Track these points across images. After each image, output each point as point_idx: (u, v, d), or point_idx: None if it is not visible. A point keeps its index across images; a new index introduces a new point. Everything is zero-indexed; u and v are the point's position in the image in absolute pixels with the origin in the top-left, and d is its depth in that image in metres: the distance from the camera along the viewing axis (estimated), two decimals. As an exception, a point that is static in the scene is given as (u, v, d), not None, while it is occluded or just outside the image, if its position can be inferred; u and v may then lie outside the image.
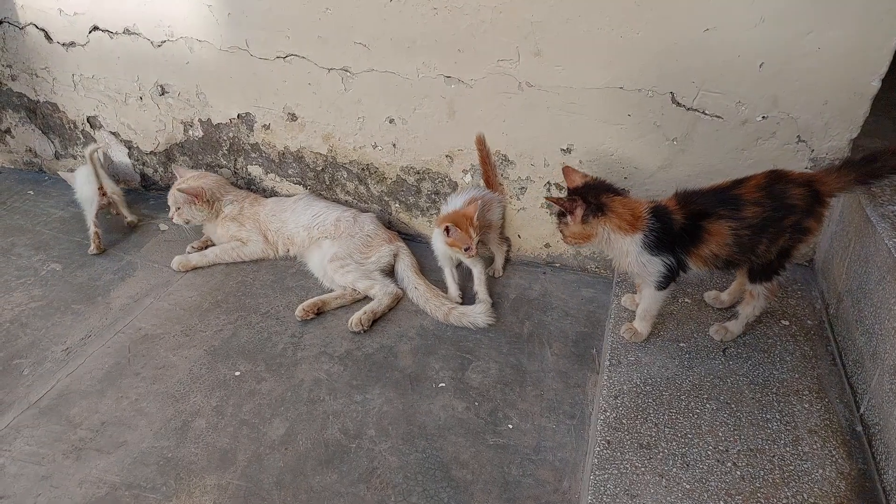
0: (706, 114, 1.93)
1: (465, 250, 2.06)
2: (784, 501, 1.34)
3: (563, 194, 2.24)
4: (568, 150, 2.15)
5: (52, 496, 1.59)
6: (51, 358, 2.02)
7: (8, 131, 3.09)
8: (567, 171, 1.69)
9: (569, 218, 1.58)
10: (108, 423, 1.79)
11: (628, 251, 1.58)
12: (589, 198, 1.57)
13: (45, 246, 2.59)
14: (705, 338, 1.79)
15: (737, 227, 1.52)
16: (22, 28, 2.72)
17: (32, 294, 2.31)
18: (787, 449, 1.46)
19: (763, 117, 1.88)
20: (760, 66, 1.79)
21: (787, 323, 1.85)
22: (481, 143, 2.23)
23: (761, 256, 1.59)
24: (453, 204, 2.17)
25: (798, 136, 1.88)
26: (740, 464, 1.43)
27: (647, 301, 1.71)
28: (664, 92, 1.93)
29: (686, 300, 1.94)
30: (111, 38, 2.57)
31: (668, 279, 1.61)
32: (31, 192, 3.01)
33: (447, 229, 2.04)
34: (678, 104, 1.94)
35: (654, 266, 1.59)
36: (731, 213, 1.52)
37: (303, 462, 1.67)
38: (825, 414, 1.55)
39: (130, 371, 1.97)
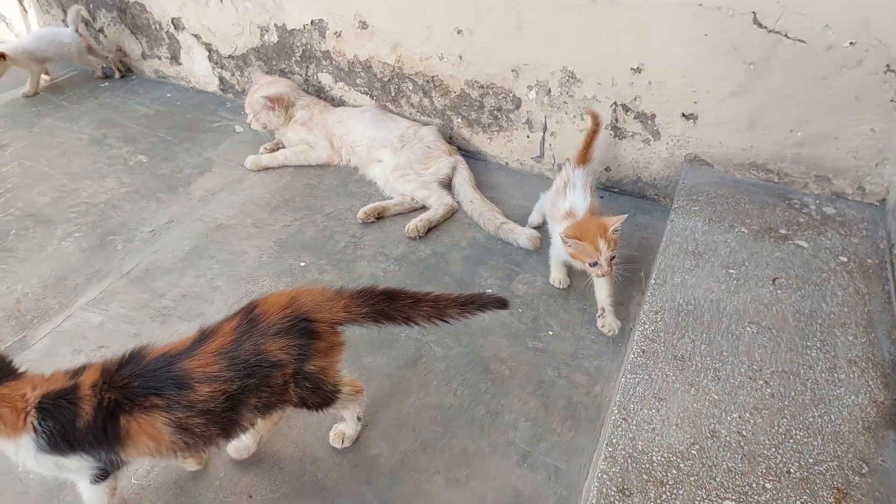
0: (789, 37, 1.84)
1: (593, 266, 1.72)
2: (810, 420, 1.38)
3: (631, 117, 2.22)
4: (638, 70, 2.10)
5: (140, 351, 1.82)
6: (139, 237, 2.23)
7: (101, 30, 3.27)
8: None
9: None
10: (187, 296, 1.99)
11: (22, 459, 1.16)
12: None
13: (133, 139, 2.79)
14: (757, 266, 1.79)
15: (180, 417, 1.15)
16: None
17: (123, 181, 2.52)
18: (823, 375, 1.48)
19: (851, 43, 1.78)
20: (855, -15, 1.69)
21: (845, 259, 1.81)
22: (596, 120, 2.09)
23: (263, 423, 1.34)
24: (573, 201, 1.89)
25: (887, 66, 1.78)
26: (772, 383, 1.47)
27: (88, 501, 1.30)
28: (746, 11, 1.85)
29: (742, 230, 1.92)
30: (195, -63, 2.65)
31: (104, 472, 1.23)
32: (120, 90, 3.21)
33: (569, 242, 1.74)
34: (759, 25, 1.85)
35: (74, 464, 1.19)
36: (171, 401, 1.14)
37: (357, 345, 1.82)
38: (869, 347, 1.55)
39: (207, 254, 2.16)
